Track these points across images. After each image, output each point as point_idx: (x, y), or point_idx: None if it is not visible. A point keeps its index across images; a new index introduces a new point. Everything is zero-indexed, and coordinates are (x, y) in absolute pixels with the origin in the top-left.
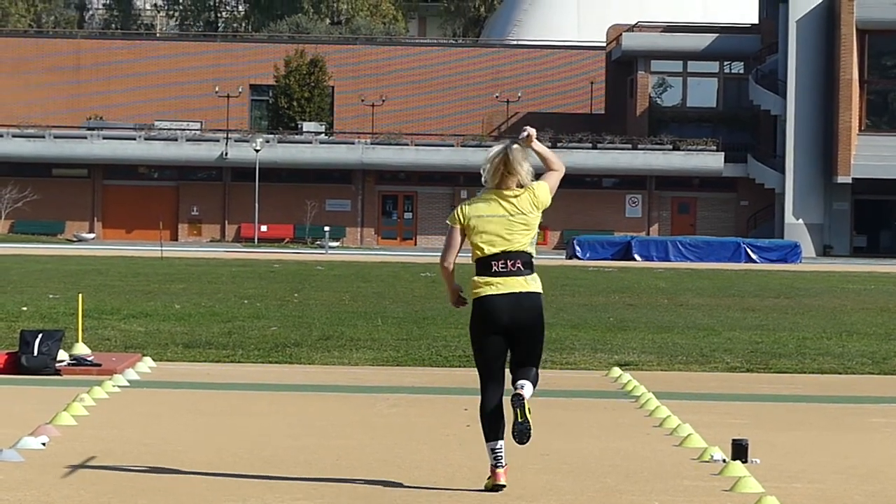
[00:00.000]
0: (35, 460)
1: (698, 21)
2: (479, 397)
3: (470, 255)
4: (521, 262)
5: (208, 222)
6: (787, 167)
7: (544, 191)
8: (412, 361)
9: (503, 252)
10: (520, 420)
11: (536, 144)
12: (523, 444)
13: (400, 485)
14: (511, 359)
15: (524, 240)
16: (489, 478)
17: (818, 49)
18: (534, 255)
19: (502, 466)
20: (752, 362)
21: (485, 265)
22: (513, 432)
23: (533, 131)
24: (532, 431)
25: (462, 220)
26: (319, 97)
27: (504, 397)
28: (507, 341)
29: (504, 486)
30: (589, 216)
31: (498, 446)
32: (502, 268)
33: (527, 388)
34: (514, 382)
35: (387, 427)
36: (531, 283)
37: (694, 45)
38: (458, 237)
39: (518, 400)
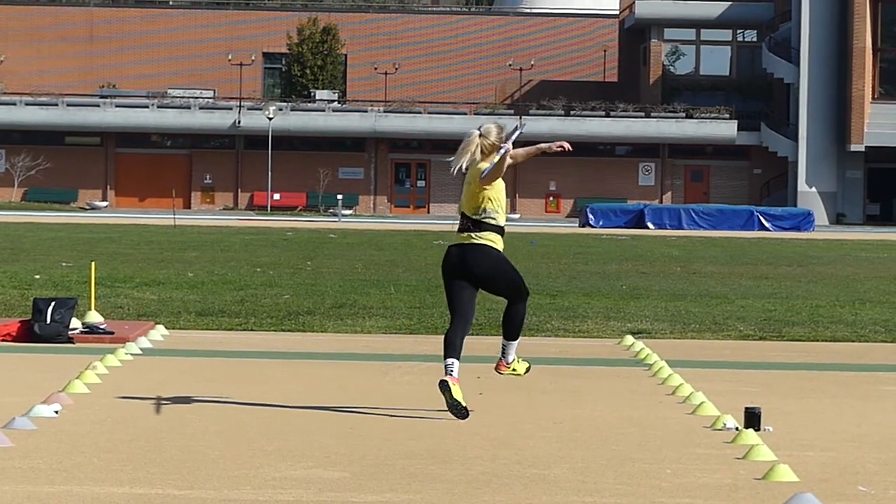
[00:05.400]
0: (47, 428)
1: None
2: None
3: (456, 222)
4: (469, 222)
5: (221, 190)
6: (801, 135)
7: (475, 169)
8: (425, 330)
9: (461, 213)
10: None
11: (510, 153)
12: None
13: (412, 453)
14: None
15: (471, 204)
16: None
17: (831, 17)
18: (485, 218)
19: (451, 375)
20: (765, 330)
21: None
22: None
23: (510, 148)
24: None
25: None
26: (332, 65)
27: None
28: (468, 285)
29: (446, 382)
30: (602, 184)
31: (450, 362)
32: (461, 224)
33: (509, 351)
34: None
35: (399, 395)
36: (477, 238)
37: (707, 13)
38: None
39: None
